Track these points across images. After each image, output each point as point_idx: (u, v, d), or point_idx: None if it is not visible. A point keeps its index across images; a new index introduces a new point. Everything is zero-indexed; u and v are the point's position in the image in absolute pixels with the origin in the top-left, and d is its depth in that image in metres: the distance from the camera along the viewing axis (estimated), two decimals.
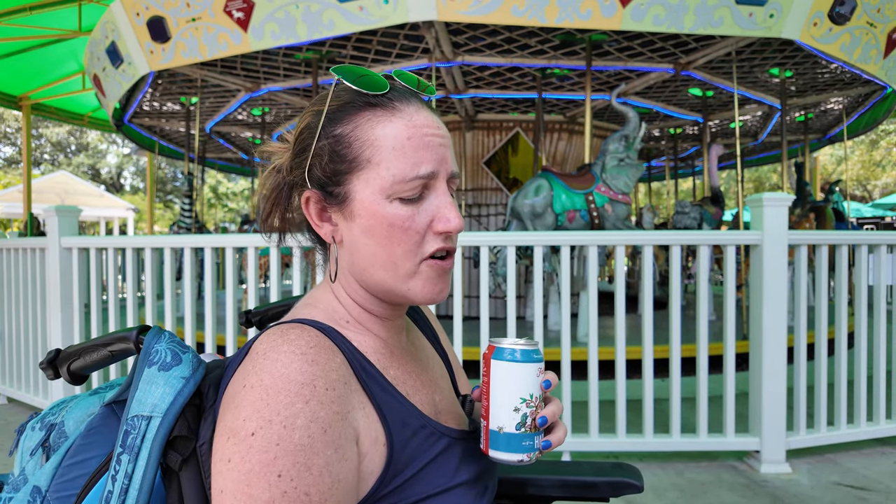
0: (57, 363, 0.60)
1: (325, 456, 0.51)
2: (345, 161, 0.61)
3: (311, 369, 0.53)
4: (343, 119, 0.62)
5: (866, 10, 4.02)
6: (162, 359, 0.56)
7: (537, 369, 0.60)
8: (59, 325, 3.02)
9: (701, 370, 2.59)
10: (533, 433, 0.60)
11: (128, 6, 4.28)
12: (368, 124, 0.61)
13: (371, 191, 0.60)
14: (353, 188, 0.61)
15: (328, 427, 0.52)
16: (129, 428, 0.54)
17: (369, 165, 0.60)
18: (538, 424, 0.60)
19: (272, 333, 0.57)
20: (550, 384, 0.62)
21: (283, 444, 0.50)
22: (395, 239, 0.60)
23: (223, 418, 0.53)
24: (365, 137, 0.61)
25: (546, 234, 2.74)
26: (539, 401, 0.61)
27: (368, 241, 0.61)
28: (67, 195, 16.78)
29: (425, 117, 0.63)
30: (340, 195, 0.62)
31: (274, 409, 0.51)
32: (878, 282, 2.78)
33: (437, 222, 0.62)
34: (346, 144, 0.61)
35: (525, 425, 0.60)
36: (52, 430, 0.63)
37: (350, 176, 0.61)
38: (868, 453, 2.73)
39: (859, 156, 20.71)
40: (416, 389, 0.66)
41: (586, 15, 3.57)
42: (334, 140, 0.62)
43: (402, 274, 0.62)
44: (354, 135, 0.61)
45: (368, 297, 0.66)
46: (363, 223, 0.61)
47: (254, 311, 0.84)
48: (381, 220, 0.60)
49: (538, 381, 0.61)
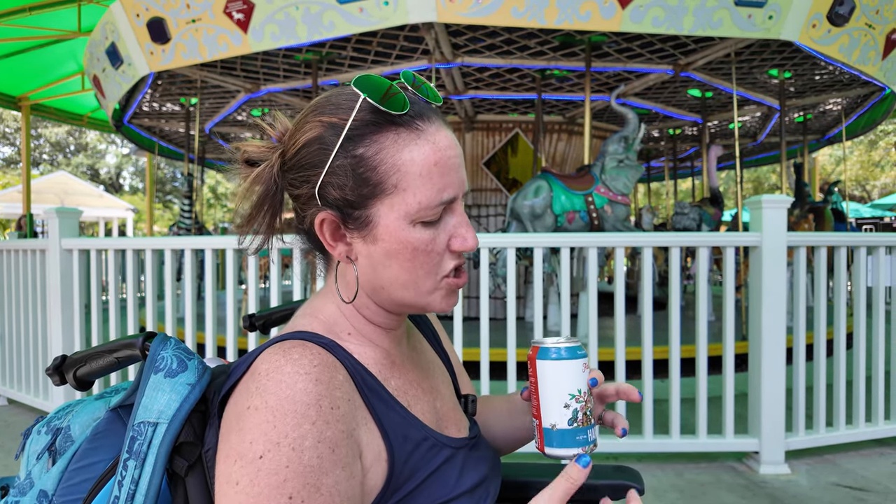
0: (63, 369, 0.60)
1: (333, 475, 0.52)
2: (369, 185, 0.59)
3: (316, 389, 0.53)
4: (365, 138, 0.59)
5: (865, 11, 4.03)
6: (168, 365, 0.57)
7: (582, 364, 0.62)
8: (59, 326, 3.02)
9: (700, 371, 2.59)
10: (586, 427, 0.62)
11: (128, 7, 4.28)
12: (394, 147, 0.59)
13: (396, 216, 0.59)
14: (377, 212, 0.60)
15: (335, 447, 0.53)
16: (136, 434, 0.54)
17: (395, 191, 0.59)
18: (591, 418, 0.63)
19: (274, 352, 0.56)
20: (597, 382, 0.63)
21: (292, 466, 0.50)
22: (418, 262, 0.61)
23: (227, 440, 0.53)
24: (392, 162, 0.59)
25: (546, 236, 2.75)
26: (588, 395, 0.62)
27: (390, 263, 0.61)
28: (66, 195, 16.77)
29: (446, 136, 0.61)
30: (361, 218, 0.60)
31: (281, 432, 0.51)
32: (876, 283, 2.79)
33: (455, 241, 0.62)
34: (370, 167, 0.59)
35: (577, 420, 0.61)
36: (58, 434, 0.64)
37: (374, 200, 0.60)
38: (867, 454, 2.74)
39: (858, 156, 20.73)
40: (416, 399, 0.66)
41: (586, 16, 3.58)
42: (355, 161, 0.59)
43: (423, 292, 0.63)
44: (380, 158, 0.59)
45: (377, 311, 0.66)
46: (386, 247, 0.60)
47: (257, 315, 0.85)
48: (405, 245, 0.60)
49: (585, 376, 0.62)
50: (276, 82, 5.56)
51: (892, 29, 4.34)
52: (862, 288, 2.74)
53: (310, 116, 0.62)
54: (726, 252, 2.60)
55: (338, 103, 0.61)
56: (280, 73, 5.28)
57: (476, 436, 0.72)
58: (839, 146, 10.63)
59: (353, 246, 0.63)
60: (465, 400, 0.77)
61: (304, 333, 0.61)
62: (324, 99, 0.63)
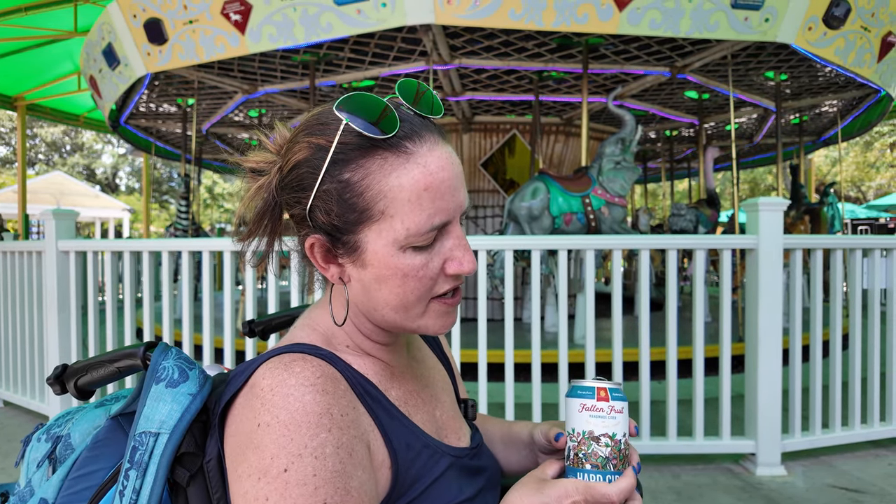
0: (64, 378, 0.60)
1: (357, 478, 0.53)
2: (355, 211, 0.58)
3: (324, 398, 0.54)
4: (351, 162, 0.57)
5: (860, 14, 4.05)
6: (169, 375, 0.57)
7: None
8: (55, 328, 3.01)
9: (697, 373, 2.60)
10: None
11: (125, 8, 4.27)
12: (381, 172, 0.57)
13: (384, 242, 0.58)
14: (365, 238, 0.59)
15: (353, 451, 0.54)
16: (137, 444, 0.54)
17: (382, 217, 0.57)
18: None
19: (274, 367, 0.56)
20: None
21: (319, 474, 0.50)
22: (408, 287, 0.59)
23: (244, 459, 0.52)
24: (378, 188, 0.57)
25: (544, 239, 2.76)
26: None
27: (380, 287, 0.60)
28: (62, 195, 16.72)
29: (439, 157, 0.58)
30: (350, 243, 0.60)
31: (300, 443, 0.51)
32: (871, 285, 2.80)
33: (450, 265, 0.60)
34: (356, 193, 0.57)
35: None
36: (58, 442, 0.64)
37: (362, 226, 0.58)
38: (862, 455, 2.75)
39: (853, 157, 20.83)
40: (417, 408, 0.67)
41: (583, 19, 3.59)
42: (342, 186, 0.58)
43: (413, 315, 0.62)
44: (366, 183, 0.57)
45: (374, 329, 0.66)
46: (375, 272, 0.60)
47: (256, 322, 0.85)
48: (395, 271, 0.59)
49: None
50: (273, 83, 5.56)
51: (888, 32, 4.37)
52: (857, 290, 2.76)
53: (301, 136, 0.61)
54: (723, 254, 2.61)
55: (326, 122, 0.59)
56: (277, 74, 5.27)
57: (478, 444, 0.73)
58: (835, 147, 10.68)
59: (346, 268, 0.62)
60: (464, 405, 0.78)
61: (303, 346, 0.61)
62: (314, 117, 0.61)
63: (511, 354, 2.58)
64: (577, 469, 0.61)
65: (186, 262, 2.79)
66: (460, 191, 0.60)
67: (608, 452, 0.61)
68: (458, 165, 0.61)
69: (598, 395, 0.62)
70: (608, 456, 0.61)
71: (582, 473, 0.61)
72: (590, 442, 0.61)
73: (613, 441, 0.61)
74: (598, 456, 0.61)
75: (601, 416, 0.61)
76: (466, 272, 0.60)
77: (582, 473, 0.61)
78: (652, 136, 8.35)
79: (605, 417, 0.61)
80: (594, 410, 0.61)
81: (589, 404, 0.62)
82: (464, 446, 0.70)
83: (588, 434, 0.61)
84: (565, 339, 2.58)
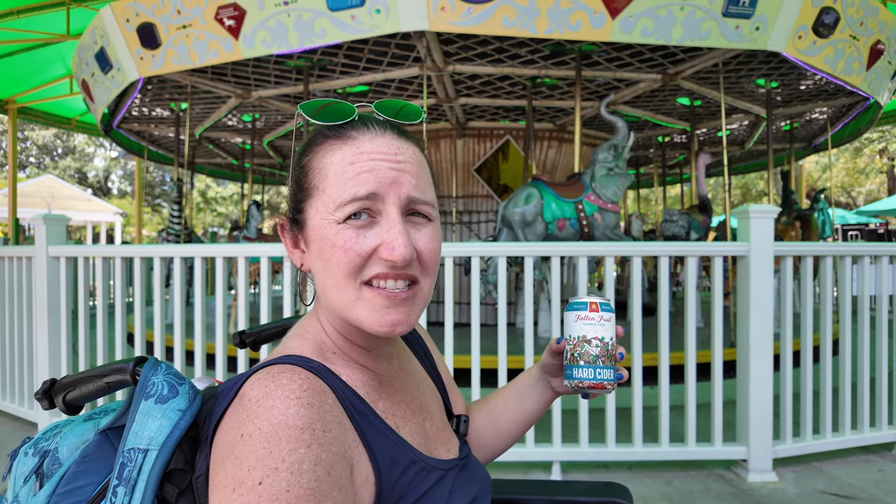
0: (52, 393, 0.60)
1: (332, 498, 0.52)
2: (302, 189, 0.66)
3: (308, 413, 0.53)
4: (308, 150, 0.66)
5: (849, 23, 4.10)
6: (159, 391, 0.56)
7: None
8: (45, 334, 2.99)
9: (689, 379, 2.61)
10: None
11: (118, 12, 4.26)
12: (322, 153, 0.65)
13: (320, 215, 0.63)
14: (308, 214, 0.65)
15: (331, 469, 0.53)
16: (126, 460, 0.54)
17: (317, 192, 0.64)
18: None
19: (262, 378, 0.56)
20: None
21: (292, 490, 0.50)
22: (335, 260, 0.61)
23: (223, 469, 0.52)
24: (317, 166, 0.64)
25: (537, 245, 2.76)
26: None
27: (319, 264, 0.64)
28: (54, 199, 16.60)
29: (379, 144, 0.63)
30: (300, 221, 0.66)
31: (278, 457, 0.50)
32: (861, 292, 2.83)
33: (382, 249, 0.60)
34: (305, 173, 0.66)
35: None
36: (45, 457, 0.63)
37: (305, 203, 0.65)
38: (852, 461, 2.77)
39: (843, 163, 21.03)
40: (405, 420, 0.67)
41: (576, 26, 3.61)
42: (300, 170, 0.66)
43: (347, 300, 0.62)
44: (311, 164, 0.65)
45: (346, 326, 0.66)
46: (315, 247, 0.64)
47: (247, 332, 0.85)
48: (326, 242, 0.62)
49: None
50: (267, 88, 5.55)
51: (876, 40, 4.42)
52: (847, 296, 2.78)
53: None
54: (715, 261, 2.63)
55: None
56: (271, 79, 5.27)
57: (466, 456, 0.73)
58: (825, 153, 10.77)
59: (306, 254, 0.67)
60: (457, 420, 0.78)
61: (293, 358, 0.61)
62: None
63: (504, 360, 2.58)
64: (573, 365, 0.74)
65: (178, 268, 2.78)
66: (402, 177, 0.62)
67: (598, 351, 0.74)
68: (412, 160, 0.64)
69: (590, 308, 0.74)
70: (598, 354, 0.73)
71: (577, 369, 0.74)
72: (583, 344, 0.74)
73: (602, 343, 0.74)
74: (590, 354, 0.73)
75: (592, 324, 0.74)
76: (397, 258, 0.59)
77: (577, 369, 0.74)
78: (644, 142, 8.39)
79: (595, 324, 0.74)
80: (587, 319, 0.74)
81: (583, 315, 0.74)
82: (452, 458, 0.70)
83: (581, 338, 0.74)
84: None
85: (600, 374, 0.73)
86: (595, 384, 0.73)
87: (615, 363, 0.75)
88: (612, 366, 0.74)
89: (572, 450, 2.57)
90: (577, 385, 0.74)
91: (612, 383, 0.74)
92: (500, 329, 2.61)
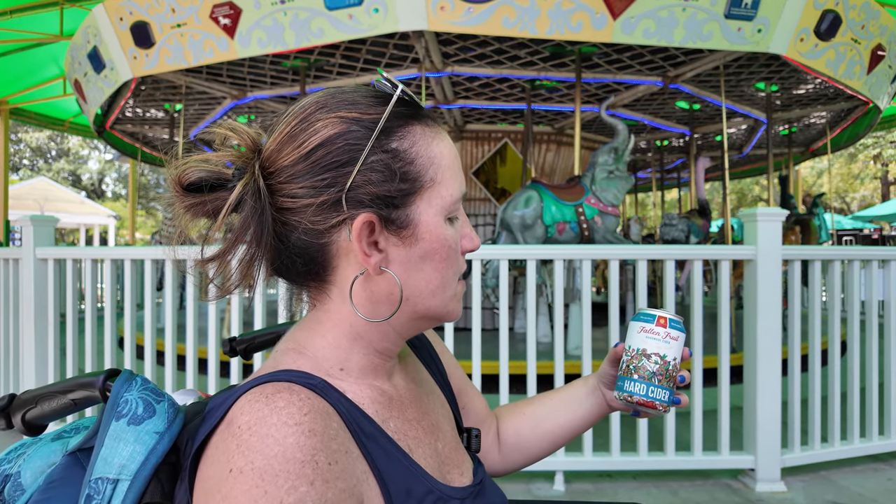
0: (10, 411, 0.51)
1: None
2: (407, 180, 0.55)
3: (310, 442, 0.45)
4: (396, 132, 0.56)
5: (851, 26, 4.07)
6: (132, 410, 0.48)
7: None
8: (32, 337, 2.90)
9: (696, 387, 2.55)
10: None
11: (111, 11, 4.18)
12: (424, 140, 0.57)
13: (434, 212, 0.57)
14: (417, 209, 0.56)
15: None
16: (92, 492, 0.46)
17: (433, 185, 0.56)
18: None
19: (255, 399, 0.48)
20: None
21: None
22: (450, 261, 0.58)
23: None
24: (426, 154, 0.57)
25: (539, 248, 2.70)
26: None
27: (424, 266, 0.57)
28: (47, 202, 16.44)
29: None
30: (401, 218, 0.55)
31: (275, 497, 0.42)
32: (869, 296, 2.77)
33: (465, 241, 0.61)
34: (407, 161, 0.55)
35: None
36: (6, 482, 0.55)
37: (414, 196, 0.56)
38: (861, 470, 2.71)
39: (838, 168, 21.12)
40: (418, 441, 0.59)
41: (577, 27, 3.56)
42: (391, 156, 0.55)
43: (448, 297, 0.60)
44: (415, 151, 0.56)
45: (386, 333, 0.58)
46: (425, 247, 0.56)
47: (238, 339, 0.77)
48: (442, 243, 0.57)
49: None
50: (263, 89, 5.48)
51: (878, 44, 4.39)
52: (856, 301, 2.72)
53: (320, 114, 0.55)
54: (721, 265, 2.57)
55: (353, 101, 0.56)
56: (267, 79, 5.20)
57: (481, 481, 0.66)
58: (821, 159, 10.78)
59: (388, 253, 0.56)
60: (467, 435, 0.71)
61: (290, 373, 0.53)
62: (328, 96, 0.57)
63: (506, 365, 2.52)
64: (626, 377, 0.70)
65: (170, 271, 2.70)
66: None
67: (656, 368, 0.69)
68: None
69: (657, 322, 0.70)
70: (655, 371, 0.69)
71: (629, 381, 0.70)
72: (641, 357, 0.70)
73: (663, 360, 0.69)
74: (646, 370, 0.69)
75: (656, 339, 0.69)
76: (477, 247, 0.62)
77: (629, 381, 0.70)
78: (643, 145, 8.36)
79: (658, 340, 0.69)
80: (651, 333, 0.70)
81: (648, 327, 0.70)
82: (467, 484, 0.63)
83: (641, 350, 0.70)
84: (561, 350, 2.52)
85: (653, 393, 0.68)
86: (646, 402, 0.69)
87: (673, 385, 0.70)
88: (668, 387, 0.69)
89: (576, 459, 2.50)
90: (627, 399, 0.70)
91: (665, 405, 0.69)
92: (502, 334, 2.55)
